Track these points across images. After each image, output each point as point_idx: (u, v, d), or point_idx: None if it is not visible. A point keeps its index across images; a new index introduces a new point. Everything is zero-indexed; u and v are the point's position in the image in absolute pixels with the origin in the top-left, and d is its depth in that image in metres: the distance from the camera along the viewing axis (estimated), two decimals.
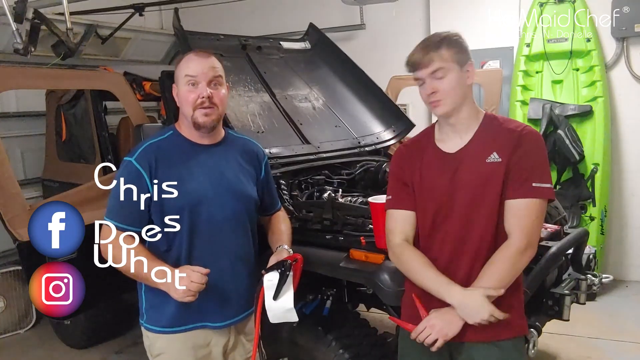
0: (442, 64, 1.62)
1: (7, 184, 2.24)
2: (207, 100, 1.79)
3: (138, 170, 1.76)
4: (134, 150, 1.82)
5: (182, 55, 1.90)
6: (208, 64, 1.82)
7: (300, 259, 1.84)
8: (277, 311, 1.80)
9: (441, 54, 1.62)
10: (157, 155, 1.79)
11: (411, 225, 1.75)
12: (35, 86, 3.19)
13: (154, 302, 1.84)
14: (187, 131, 1.87)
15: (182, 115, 1.88)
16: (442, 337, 1.59)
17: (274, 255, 1.88)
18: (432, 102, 1.66)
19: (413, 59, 1.66)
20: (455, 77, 1.63)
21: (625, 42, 4.50)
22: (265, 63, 3.48)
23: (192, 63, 1.82)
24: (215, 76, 1.82)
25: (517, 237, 1.61)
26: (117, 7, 4.46)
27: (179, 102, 1.85)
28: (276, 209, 2.13)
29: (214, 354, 1.89)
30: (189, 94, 1.80)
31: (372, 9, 5.34)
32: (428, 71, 1.63)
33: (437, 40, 1.65)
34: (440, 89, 1.63)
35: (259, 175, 2.01)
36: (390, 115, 3.59)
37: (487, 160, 1.64)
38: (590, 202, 4.47)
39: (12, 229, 2.24)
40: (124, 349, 3.85)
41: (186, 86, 1.81)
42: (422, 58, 1.63)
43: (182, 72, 1.82)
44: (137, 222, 1.77)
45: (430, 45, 1.64)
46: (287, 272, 1.78)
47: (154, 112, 4.36)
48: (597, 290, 2.51)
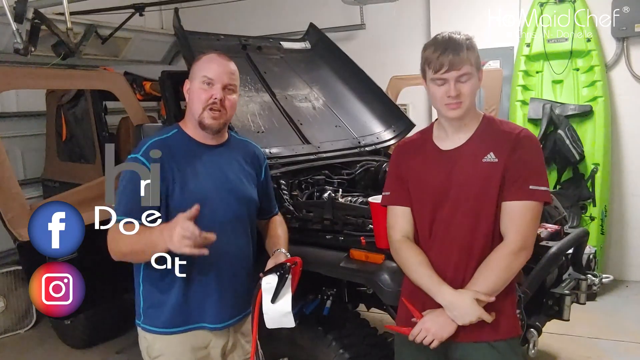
0: (470, 69, 1.61)
1: (7, 184, 2.24)
2: (219, 102, 1.79)
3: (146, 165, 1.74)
4: (139, 147, 1.80)
5: (204, 53, 1.89)
6: (228, 68, 1.83)
7: (300, 262, 1.83)
8: (274, 315, 1.78)
9: (470, 58, 1.61)
10: (162, 152, 1.77)
11: (411, 221, 1.77)
12: (35, 86, 3.19)
13: (153, 302, 1.84)
14: (192, 130, 1.87)
15: (189, 114, 1.87)
16: (437, 338, 1.62)
17: (272, 258, 1.87)
18: (449, 104, 1.64)
19: (444, 60, 1.59)
20: (475, 82, 1.64)
21: (626, 42, 4.50)
22: (265, 63, 3.48)
23: (213, 65, 1.81)
24: (232, 83, 1.83)
25: (513, 239, 1.63)
26: (117, 7, 4.46)
27: (190, 98, 1.84)
28: (273, 213, 2.13)
29: (212, 355, 1.89)
30: (202, 92, 1.80)
31: (372, 9, 5.34)
32: (457, 74, 1.60)
33: (463, 42, 1.62)
34: (462, 92, 1.62)
35: (260, 177, 2.01)
36: (390, 115, 3.59)
37: (484, 159, 1.65)
38: (590, 202, 4.47)
39: (12, 229, 2.24)
40: (124, 349, 3.85)
41: (201, 85, 1.80)
42: (454, 60, 1.59)
43: (200, 71, 1.81)
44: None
45: (460, 47, 1.60)
46: (286, 275, 1.77)
47: (154, 112, 4.36)
48: (597, 290, 2.51)
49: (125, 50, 5.00)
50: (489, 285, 1.61)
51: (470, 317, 1.59)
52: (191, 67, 1.88)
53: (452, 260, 1.68)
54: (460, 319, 1.60)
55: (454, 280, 1.66)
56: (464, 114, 1.66)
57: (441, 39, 1.64)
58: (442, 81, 1.63)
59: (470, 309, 1.58)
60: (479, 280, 1.62)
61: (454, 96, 1.62)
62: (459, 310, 1.60)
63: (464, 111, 1.65)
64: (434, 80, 1.64)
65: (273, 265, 1.81)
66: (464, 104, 1.64)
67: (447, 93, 1.62)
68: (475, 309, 1.58)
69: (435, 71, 1.62)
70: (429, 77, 1.66)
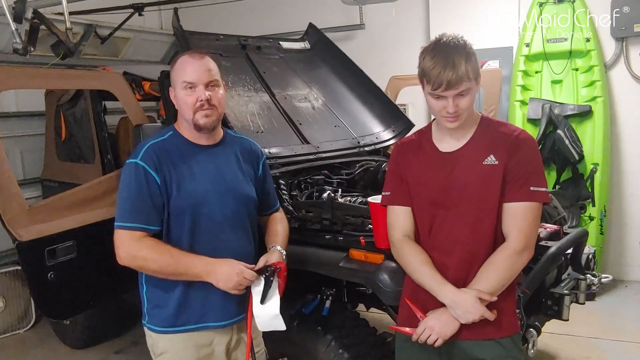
0: (469, 84, 1.59)
1: (6, 184, 2.24)
2: (206, 102, 1.80)
3: (146, 169, 1.76)
4: (136, 152, 1.82)
5: (177, 57, 1.88)
6: (204, 67, 1.82)
7: (284, 267, 1.84)
8: (264, 318, 1.80)
9: (468, 73, 1.57)
10: (159, 155, 1.80)
11: (412, 221, 1.78)
12: (35, 86, 3.18)
13: (156, 303, 1.85)
14: (187, 132, 1.88)
15: (182, 118, 1.88)
16: (441, 337, 1.63)
17: (264, 255, 1.88)
18: (447, 117, 1.63)
19: (442, 79, 1.55)
20: (473, 95, 1.63)
21: (625, 42, 4.50)
22: (264, 63, 3.48)
23: (188, 68, 1.81)
24: (212, 79, 1.83)
25: (515, 239, 1.64)
26: (117, 7, 4.45)
27: (178, 105, 1.85)
28: (274, 209, 2.13)
29: (216, 352, 1.90)
30: (187, 98, 1.81)
31: (372, 9, 5.34)
32: (456, 92, 1.58)
33: (460, 56, 1.56)
34: (461, 107, 1.61)
35: (257, 173, 2.02)
36: (390, 115, 3.59)
37: (484, 162, 1.66)
38: (589, 202, 4.47)
39: (12, 229, 2.24)
40: (124, 349, 3.85)
41: (184, 90, 1.81)
42: (453, 80, 1.55)
43: (179, 78, 1.82)
44: (154, 221, 1.78)
45: (459, 63, 1.55)
46: (271, 278, 1.78)
47: (153, 112, 4.36)
48: (596, 290, 2.52)
49: (124, 50, 5.00)
50: (492, 284, 1.63)
51: (473, 316, 1.60)
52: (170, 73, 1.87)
53: (453, 260, 1.69)
54: (463, 318, 1.61)
55: (456, 279, 1.67)
56: (461, 123, 1.67)
57: (440, 51, 1.58)
58: (438, 95, 1.61)
59: (472, 307, 1.60)
60: (481, 279, 1.64)
61: (451, 111, 1.61)
62: (461, 309, 1.61)
63: (462, 122, 1.66)
64: (432, 94, 1.62)
65: (258, 268, 1.81)
66: (462, 117, 1.64)
67: (446, 109, 1.61)
68: (478, 308, 1.60)
69: (433, 88, 1.60)
70: (427, 91, 1.64)
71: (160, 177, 1.77)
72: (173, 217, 1.80)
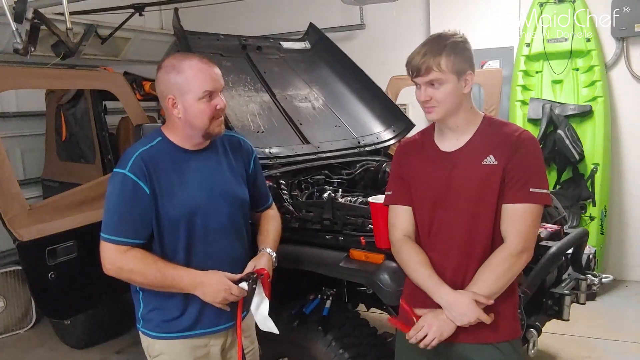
0: (439, 75, 1.60)
1: (6, 184, 2.24)
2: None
3: (134, 181, 1.69)
4: (124, 160, 1.72)
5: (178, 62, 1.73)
6: (218, 73, 1.77)
7: (266, 274, 1.81)
8: (260, 319, 1.83)
9: (440, 63, 1.58)
10: (148, 164, 1.72)
11: (413, 221, 1.77)
12: (35, 86, 3.19)
13: (152, 309, 1.83)
14: (179, 138, 1.80)
15: (186, 126, 1.77)
16: (438, 337, 1.62)
17: (252, 260, 1.86)
18: (425, 107, 1.67)
19: (412, 64, 1.63)
20: (450, 88, 1.62)
21: (625, 42, 4.50)
22: (265, 63, 3.48)
23: (206, 75, 1.72)
24: (222, 85, 1.79)
25: (513, 241, 1.62)
26: (117, 7, 4.44)
27: (187, 114, 1.73)
28: (266, 206, 2.09)
29: (212, 353, 1.89)
30: (205, 107, 1.72)
31: (372, 9, 5.34)
32: (424, 80, 1.62)
33: (439, 46, 1.60)
34: (434, 98, 1.63)
35: (248, 170, 1.97)
36: (390, 115, 3.59)
37: (483, 162, 1.65)
38: (590, 202, 4.47)
39: (12, 229, 2.24)
40: (124, 349, 3.85)
41: (202, 99, 1.72)
42: (420, 66, 1.60)
43: (196, 86, 1.71)
44: (141, 235, 1.73)
45: (431, 52, 1.59)
46: (253, 286, 1.77)
47: (153, 112, 4.36)
48: (597, 290, 2.51)
49: (125, 50, 4.99)
50: (489, 287, 1.61)
51: (468, 318, 1.59)
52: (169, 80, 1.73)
53: (451, 261, 1.68)
54: (458, 320, 1.60)
55: (454, 281, 1.66)
56: (442, 117, 1.67)
57: (427, 41, 1.66)
58: (417, 84, 1.66)
59: (468, 309, 1.58)
60: (478, 281, 1.62)
61: (422, 101, 1.64)
62: (457, 311, 1.59)
63: (440, 115, 1.66)
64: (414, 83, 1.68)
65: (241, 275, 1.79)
66: (439, 110, 1.64)
67: (421, 97, 1.65)
68: (473, 310, 1.58)
69: (408, 74, 1.66)
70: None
71: (150, 188, 1.70)
72: (166, 228, 1.75)
